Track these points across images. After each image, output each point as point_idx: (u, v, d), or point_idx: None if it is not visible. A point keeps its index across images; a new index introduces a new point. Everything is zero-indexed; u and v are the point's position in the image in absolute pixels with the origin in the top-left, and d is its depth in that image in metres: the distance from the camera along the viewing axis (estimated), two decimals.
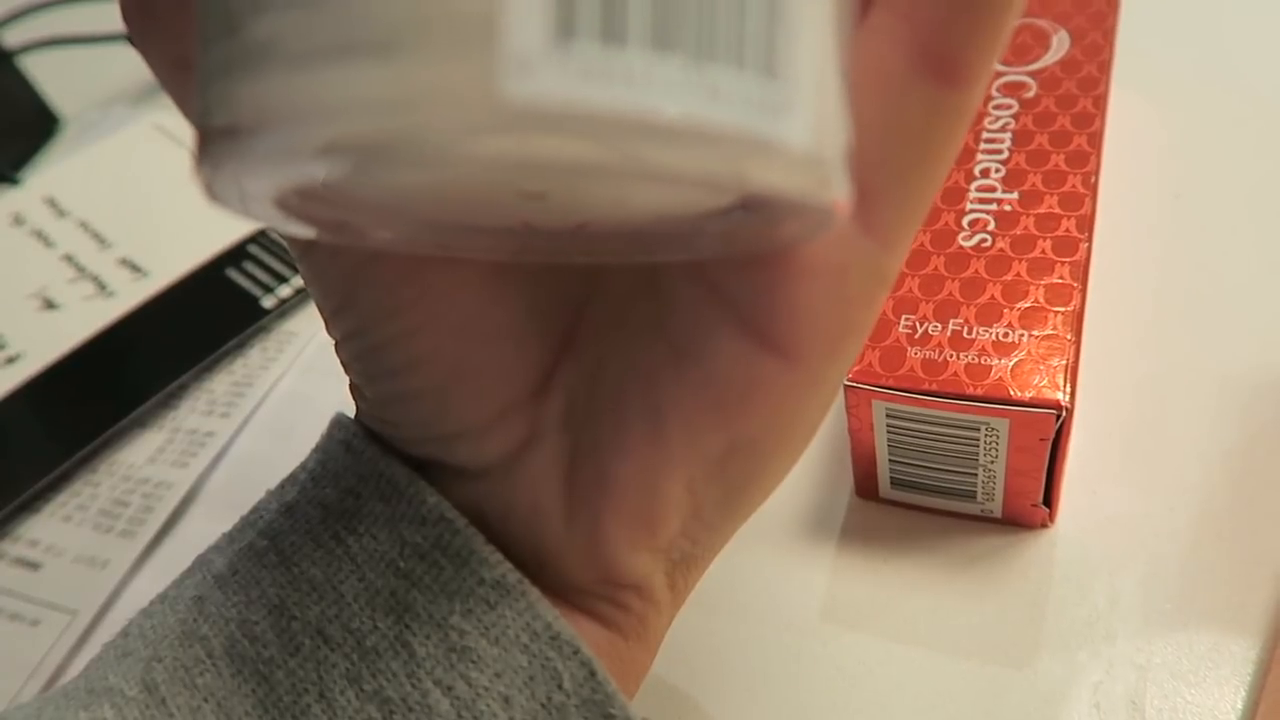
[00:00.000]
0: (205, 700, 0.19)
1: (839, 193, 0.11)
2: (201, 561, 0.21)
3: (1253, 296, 0.33)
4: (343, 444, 0.21)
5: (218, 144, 0.10)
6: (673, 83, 0.09)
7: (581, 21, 0.09)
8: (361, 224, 0.15)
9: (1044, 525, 0.29)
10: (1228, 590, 0.27)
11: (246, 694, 0.19)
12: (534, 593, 0.19)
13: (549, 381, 0.19)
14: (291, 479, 0.21)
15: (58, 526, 0.37)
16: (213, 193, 0.11)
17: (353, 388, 0.21)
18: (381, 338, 0.18)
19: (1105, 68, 0.33)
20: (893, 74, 0.15)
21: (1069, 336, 0.26)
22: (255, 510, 0.21)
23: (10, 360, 0.41)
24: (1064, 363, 0.26)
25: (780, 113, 0.10)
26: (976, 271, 0.28)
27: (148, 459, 0.38)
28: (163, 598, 0.21)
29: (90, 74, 0.58)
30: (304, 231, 0.15)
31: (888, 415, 0.27)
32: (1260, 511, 0.28)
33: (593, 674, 0.19)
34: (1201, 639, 0.26)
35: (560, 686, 0.19)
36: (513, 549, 0.19)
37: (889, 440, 0.28)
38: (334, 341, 0.20)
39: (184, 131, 0.50)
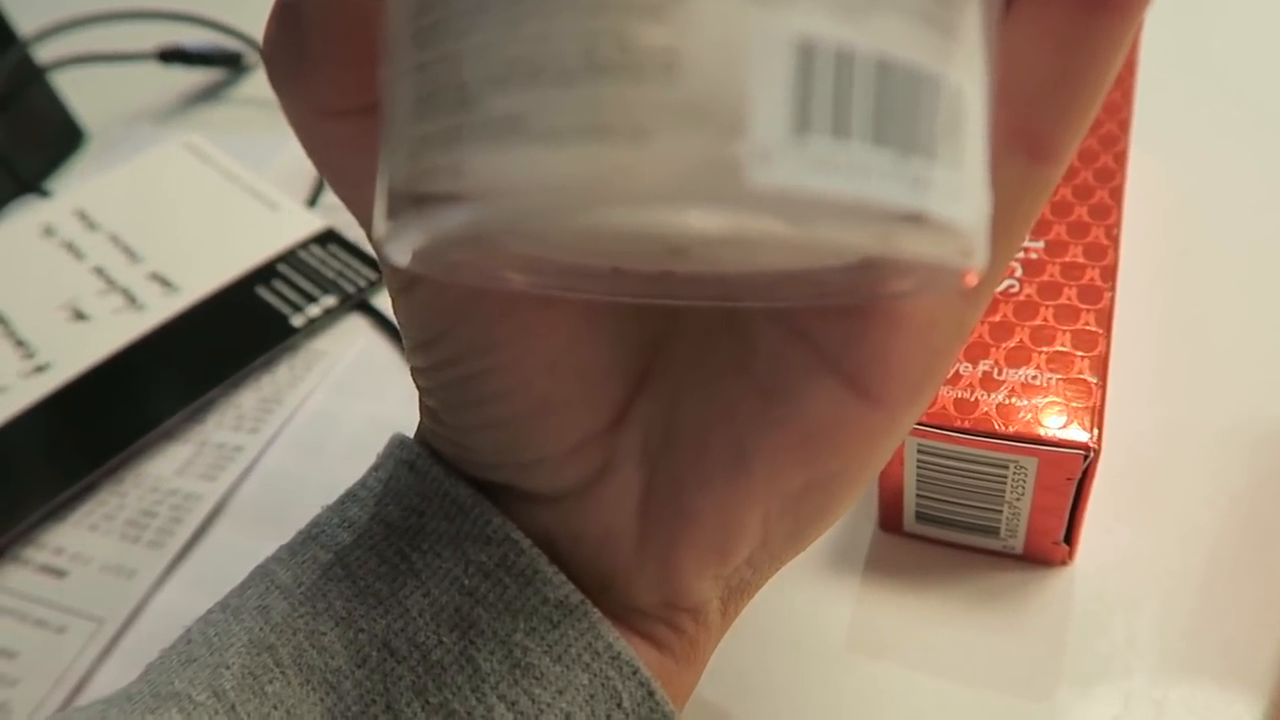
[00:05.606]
0: (275, 708, 0.19)
1: (979, 262, 0.12)
2: (262, 573, 0.21)
3: (1263, 348, 0.34)
4: (406, 464, 0.21)
5: (436, 207, 0.11)
6: (885, 173, 0.10)
7: (816, 117, 0.10)
8: (499, 270, 0.16)
9: (1063, 563, 0.30)
10: (1239, 629, 0.28)
11: (315, 703, 0.19)
12: (596, 613, 0.20)
13: (626, 413, 0.20)
14: (351, 496, 0.22)
15: (84, 535, 0.37)
16: (389, 245, 0.12)
17: (426, 410, 0.21)
18: (473, 370, 0.19)
19: (1125, 126, 0.34)
20: (991, 152, 0.16)
21: (1095, 381, 0.27)
22: (315, 525, 0.22)
23: (39, 369, 0.42)
24: (1090, 405, 0.27)
25: (959, 198, 0.11)
26: (1005, 316, 0.29)
27: (176, 471, 0.39)
28: (224, 606, 0.21)
29: (117, 91, 0.59)
30: (441, 275, 0.15)
31: (918, 451, 0.28)
32: (1268, 555, 0.29)
33: (651, 694, 0.19)
34: (1216, 675, 0.27)
35: (620, 705, 0.19)
36: (580, 572, 0.20)
37: (918, 475, 0.29)
38: (413, 367, 0.20)
39: (215, 151, 0.51)
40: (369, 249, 0.45)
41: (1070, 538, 0.29)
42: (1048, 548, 0.29)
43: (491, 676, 0.19)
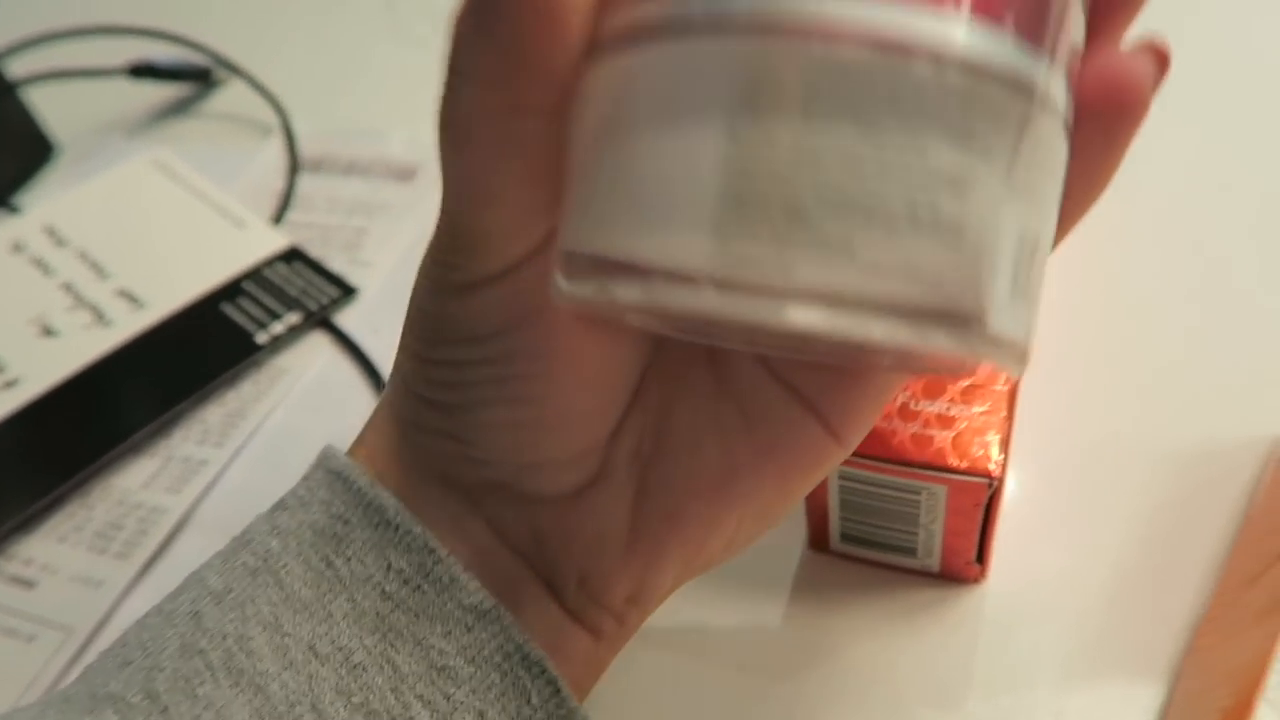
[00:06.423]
0: (205, 709, 0.20)
1: (1025, 370, 0.16)
2: (196, 579, 0.23)
3: (1173, 377, 0.36)
4: (334, 473, 0.22)
5: (752, 294, 0.14)
6: (1025, 322, 0.15)
7: (1018, 283, 0.15)
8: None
9: (977, 581, 0.32)
10: (1138, 642, 0.30)
11: (244, 704, 0.20)
12: (508, 617, 0.21)
13: (621, 423, 0.22)
14: (281, 504, 0.23)
15: (53, 546, 0.39)
16: (581, 286, 0.15)
17: (421, 401, 0.22)
18: (517, 371, 0.20)
19: None
20: None
21: (1003, 413, 0.29)
22: (247, 532, 0.23)
23: (9, 384, 0.43)
24: (998, 437, 0.29)
25: (1035, 327, 0.16)
26: None
27: (142, 484, 0.40)
28: (158, 611, 0.22)
29: (88, 105, 0.60)
30: (585, 309, 0.18)
31: (840, 477, 0.30)
32: (1169, 573, 0.31)
33: (557, 691, 0.21)
34: (1113, 686, 0.29)
35: (529, 702, 0.21)
36: (563, 570, 0.22)
37: (840, 499, 0.31)
38: (431, 358, 0.21)
39: (182, 168, 0.52)
40: (331, 267, 0.47)
41: (982, 558, 0.31)
42: (961, 567, 0.31)
43: (410, 677, 0.21)
